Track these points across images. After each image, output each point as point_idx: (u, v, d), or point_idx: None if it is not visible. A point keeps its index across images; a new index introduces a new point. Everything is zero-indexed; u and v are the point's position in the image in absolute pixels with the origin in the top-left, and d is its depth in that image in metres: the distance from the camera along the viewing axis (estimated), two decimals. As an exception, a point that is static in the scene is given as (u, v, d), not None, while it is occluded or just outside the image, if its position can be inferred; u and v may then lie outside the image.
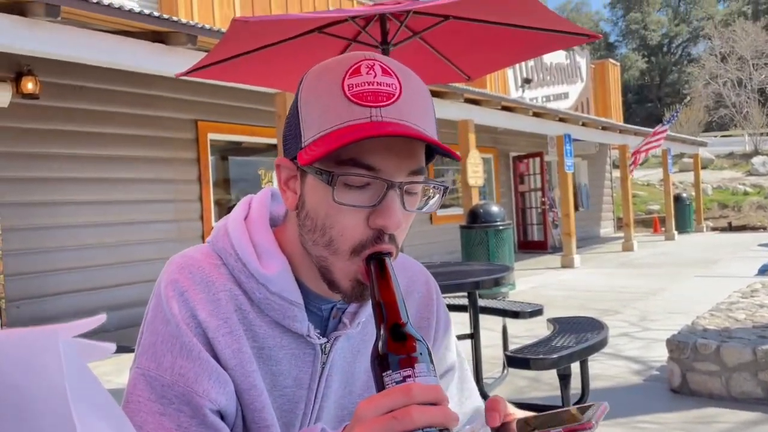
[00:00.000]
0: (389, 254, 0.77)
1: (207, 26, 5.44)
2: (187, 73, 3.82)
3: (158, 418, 0.77)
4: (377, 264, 0.76)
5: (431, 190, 0.83)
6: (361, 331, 0.91)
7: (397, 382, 0.65)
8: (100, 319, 0.42)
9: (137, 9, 4.99)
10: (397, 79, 0.76)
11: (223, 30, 5.19)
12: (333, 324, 0.90)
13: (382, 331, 0.71)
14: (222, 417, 0.81)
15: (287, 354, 0.85)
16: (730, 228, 18.75)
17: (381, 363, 0.68)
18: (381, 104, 0.73)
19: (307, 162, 0.74)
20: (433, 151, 0.80)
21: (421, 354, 0.68)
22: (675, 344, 3.93)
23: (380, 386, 0.67)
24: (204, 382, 0.78)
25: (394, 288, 0.74)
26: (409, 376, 0.65)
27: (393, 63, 0.79)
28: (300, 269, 0.85)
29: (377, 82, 0.74)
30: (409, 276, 1.01)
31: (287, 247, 0.86)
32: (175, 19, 5.21)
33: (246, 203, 0.92)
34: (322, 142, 0.74)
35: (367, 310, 0.88)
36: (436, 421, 0.62)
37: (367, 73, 0.75)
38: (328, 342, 0.88)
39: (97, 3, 4.66)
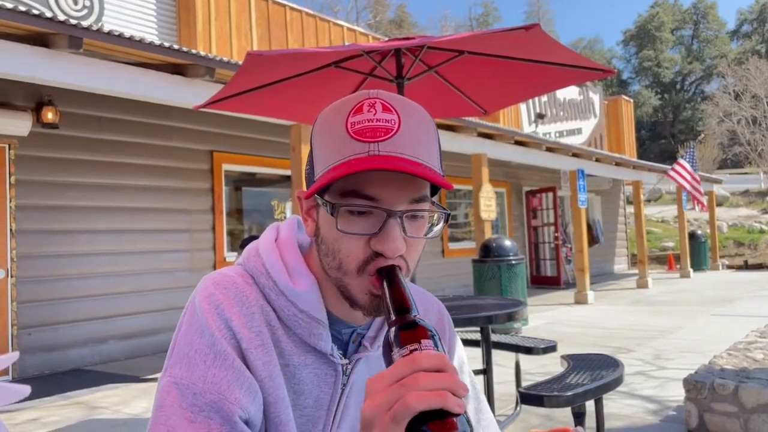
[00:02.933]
0: (398, 267, 0.81)
1: (225, 59, 5.52)
2: (205, 105, 3.86)
3: (188, 425, 0.78)
4: (387, 273, 0.80)
5: (436, 217, 0.86)
6: (380, 355, 0.92)
7: (404, 356, 0.66)
8: (13, 357, 0.41)
9: (157, 42, 5.08)
10: (397, 114, 0.81)
11: (240, 62, 5.27)
12: (353, 348, 0.94)
13: (391, 316, 0.73)
14: (248, 427, 0.83)
15: (310, 373, 0.88)
16: (747, 266, 18.51)
17: (390, 344, 0.69)
18: (378, 139, 0.79)
19: (308, 195, 0.82)
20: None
21: (429, 333, 0.69)
22: (692, 384, 3.84)
23: (390, 365, 0.68)
24: (236, 390, 0.80)
25: (403, 289, 0.77)
26: (416, 349, 0.66)
27: (396, 99, 0.83)
28: (323, 293, 0.89)
29: (377, 119, 0.80)
30: (425, 307, 1.04)
31: (312, 271, 0.91)
32: (194, 51, 5.30)
33: (275, 229, 0.97)
34: (326, 176, 0.80)
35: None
36: (443, 386, 0.62)
37: (368, 111, 0.81)
38: (349, 363, 0.91)
39: (119, 36, 4.76)
